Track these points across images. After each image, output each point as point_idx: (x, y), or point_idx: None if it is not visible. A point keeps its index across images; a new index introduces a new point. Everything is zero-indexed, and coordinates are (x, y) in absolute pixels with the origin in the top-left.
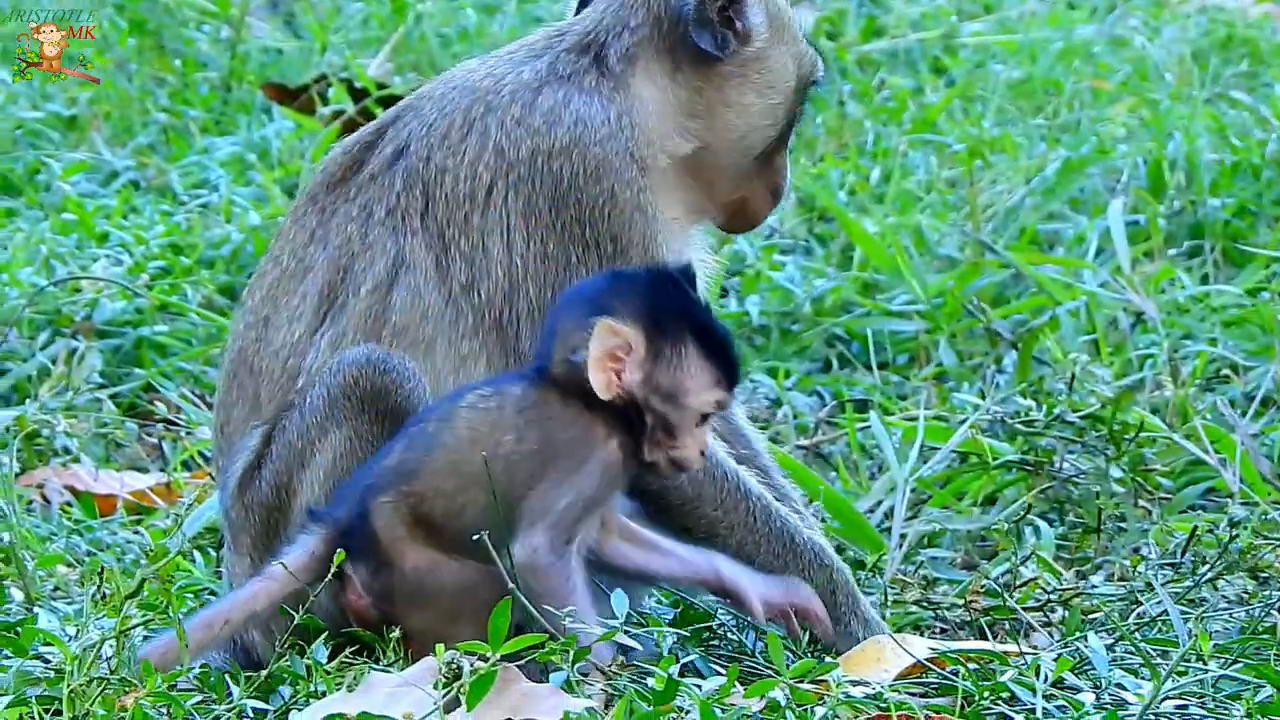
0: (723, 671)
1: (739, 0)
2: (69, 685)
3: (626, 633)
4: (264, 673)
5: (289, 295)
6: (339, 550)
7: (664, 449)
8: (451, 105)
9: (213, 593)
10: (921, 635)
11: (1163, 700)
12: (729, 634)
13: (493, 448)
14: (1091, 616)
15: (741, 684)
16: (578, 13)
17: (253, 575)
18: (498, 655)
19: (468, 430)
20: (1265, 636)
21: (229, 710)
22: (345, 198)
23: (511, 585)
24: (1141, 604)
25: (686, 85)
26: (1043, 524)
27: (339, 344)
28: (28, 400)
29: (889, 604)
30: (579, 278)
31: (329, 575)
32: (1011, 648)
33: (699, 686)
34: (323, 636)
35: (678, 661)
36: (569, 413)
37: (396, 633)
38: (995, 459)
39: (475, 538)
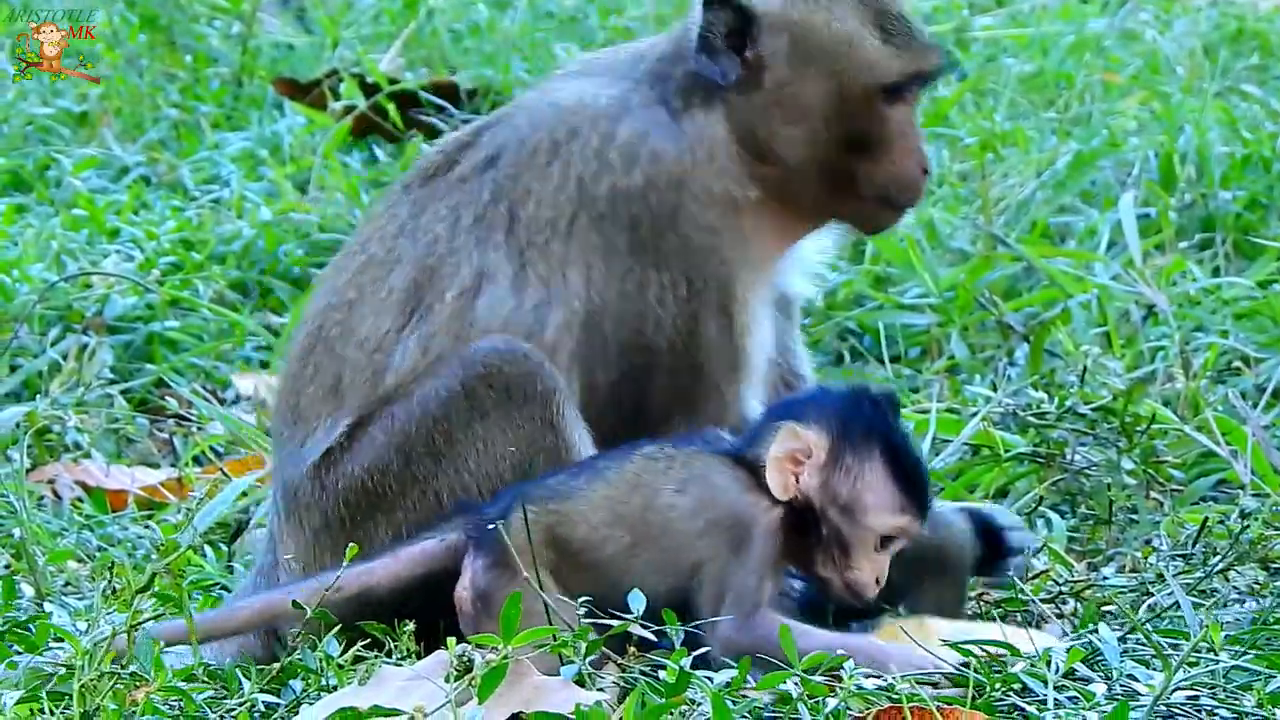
0: (734, 664)
1: (751, 25)
2: (79, 680)
3: (645, 626)
4: (276, 666)
5: (376, 284)
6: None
7: (838, 568)
8: (541, 121)
9: (225, 588)
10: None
11: (1174, 691)
12: None
13: (651, 495)
14: (1103, 608)
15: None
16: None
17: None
18: (509, 648)
19: (633, 474)
20: (1276, 627)
21: (240, 704)
22: (435, 196)
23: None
24: (1153, 595)
25: (740, 117)
26: (1054, 516)
27: (427, 346)
28: (38, 396)
29: None
30: (657, 316)
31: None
32: (1022, 636)
33: (710, 679)
34: (335, 630)
35: (690, 654)
36: (737, 482)
37: (410, 626)
38: (1007, 451)
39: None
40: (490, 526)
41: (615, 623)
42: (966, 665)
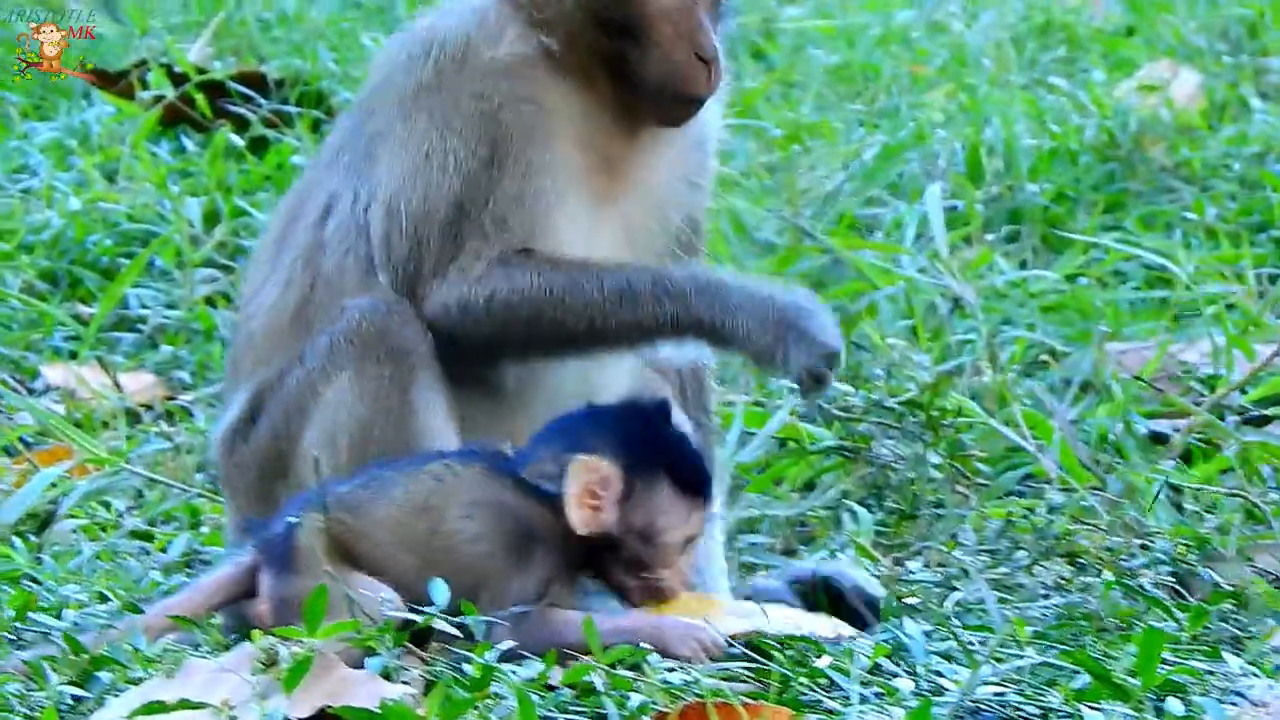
0: (538, 657)
1: None
2: None
3: (447, 621)
4: (84, 657)
5: (262, 246)
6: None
7: (640, 580)
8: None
9: (34, 579)
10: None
11: (980, 686)
12: None
13: (438, 519)
14: (908, 602)
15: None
16: None
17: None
18: (314, 641)
19: (422, 496)
20: (1083, 623)
21: (47, 698)
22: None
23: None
24: (959, 590)
25: None
26: (861, 510)
27: (288, 279)
28: None
29: None
30: (440, 181)
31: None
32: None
33: (515, 673)
34: (140, 621)
35: (494, 647)
36: (526, 504)
37: (217, 619)
38: (813, 444)
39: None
40: (275, 534)
41: (419, 617)
42: (769, 658)
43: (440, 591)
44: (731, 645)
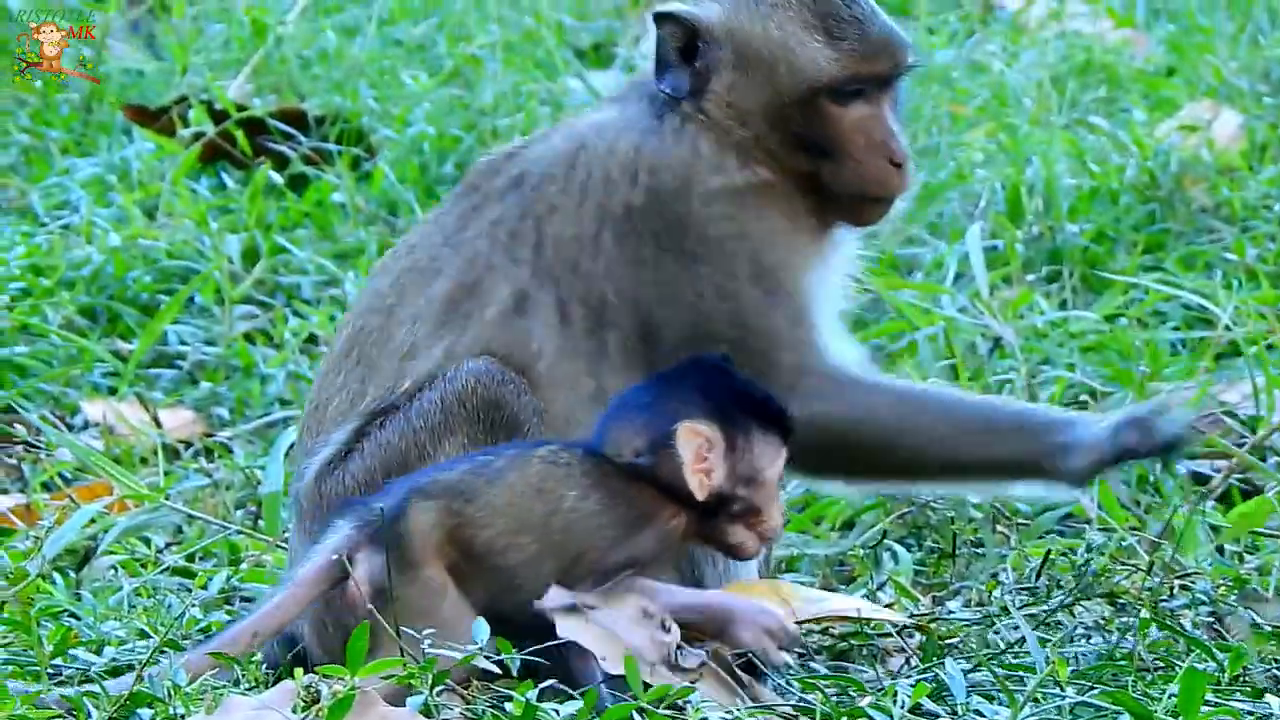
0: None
1: (696, 37)
2: None
3: (487, 657)
4: (125, 694)
5: (416, 293)
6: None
7: (752, 529)
8: (563, 137)
9: (74, 614)
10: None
11: None
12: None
13: (556, 501)
14: (948, 642)
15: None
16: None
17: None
18: (355, 679)
19: (537, 479)
20: (1122, 662)
21: None
22: (477, 208)
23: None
24: (998, 630)
25: (709, 120)
26: (900, 549)
27: (451, 354)
28: None
29: None
30: (700, 310)
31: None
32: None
33: (556, 711)
34: (183, 659)
35: (536, 685)
36: (634, 489)
37: (258, 656)
38: None
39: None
40: (387, 521)
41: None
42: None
43: (482, 630)
44: (804, 638)
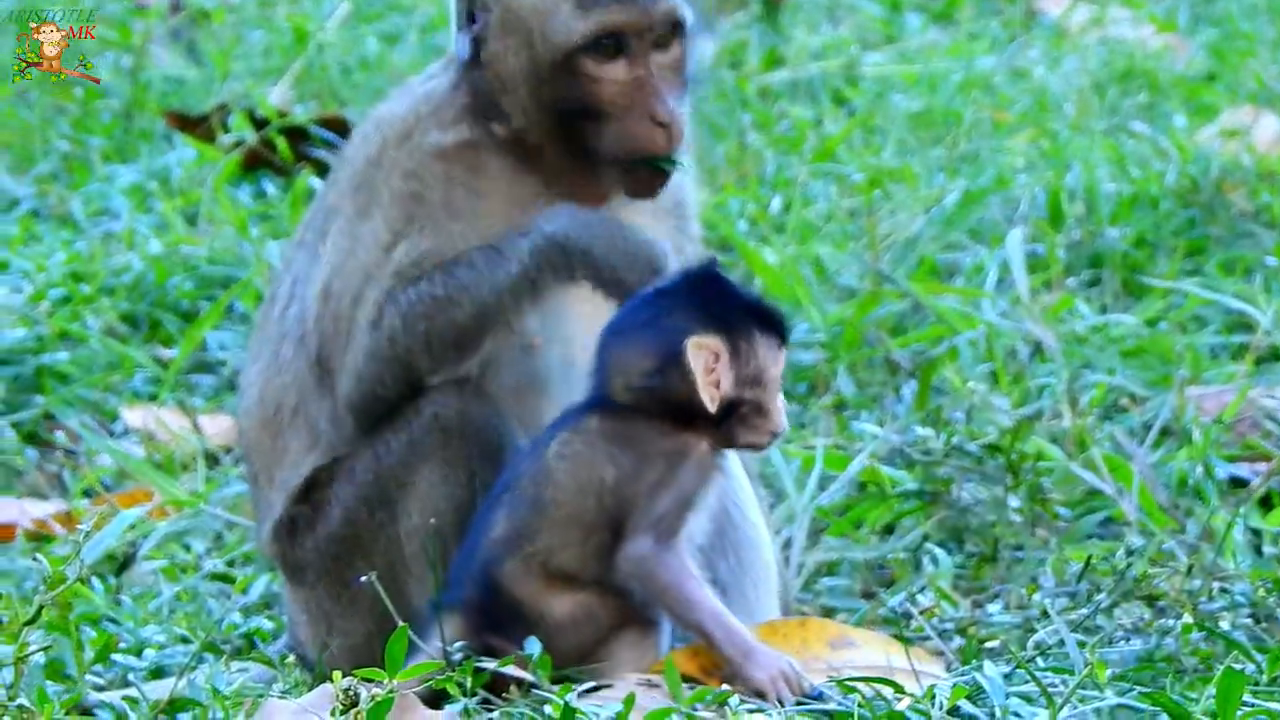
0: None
1: (473, 4)
2: None
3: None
4: (164, 700)
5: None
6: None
7: (760, 430)
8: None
9: (113, 620)
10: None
11: None
12: None
13: (598, 486)
14: (988, 645)
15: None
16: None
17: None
18: (394, 682)
19: (571, 480)
20: (1162, 665)
21: None
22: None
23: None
24: (1038, 632)
25: (472, 86)
26: (940, 553)
27: (267, 370)
28: None
29: None
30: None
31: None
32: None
33: (596, 715)
34: (224, 659)
35: (574, 688)
36: (654, 429)
37: (291, 657)
38: (894, 488)
39: (363, 579)
40: (474, 599)
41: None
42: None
43: (534, 646)
44: (815, 691)
